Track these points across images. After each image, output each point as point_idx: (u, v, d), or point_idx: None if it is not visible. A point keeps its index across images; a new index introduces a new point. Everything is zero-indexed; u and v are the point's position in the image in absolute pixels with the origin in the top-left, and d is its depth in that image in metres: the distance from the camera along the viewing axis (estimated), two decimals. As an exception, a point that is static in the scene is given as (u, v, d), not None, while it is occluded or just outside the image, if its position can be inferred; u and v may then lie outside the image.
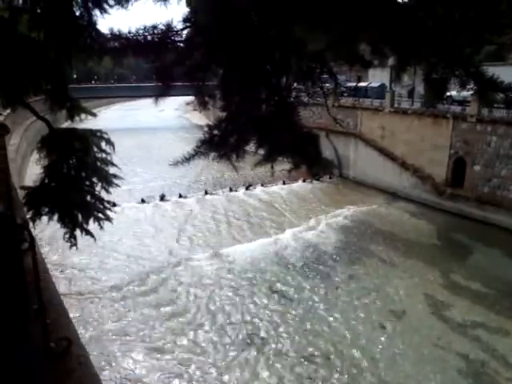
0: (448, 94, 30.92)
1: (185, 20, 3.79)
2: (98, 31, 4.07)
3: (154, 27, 3.76)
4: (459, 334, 14.40)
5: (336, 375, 12.44)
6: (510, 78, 4.27)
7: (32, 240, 2.98)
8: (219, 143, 4.13)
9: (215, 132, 4.18)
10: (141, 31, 3.71)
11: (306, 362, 12.97)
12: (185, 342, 13.95)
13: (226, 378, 12.34)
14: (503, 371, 12.57)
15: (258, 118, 4.00)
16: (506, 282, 17.77)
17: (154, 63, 4.04)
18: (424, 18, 2.89)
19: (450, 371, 12.59)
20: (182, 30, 3.82)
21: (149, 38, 3.72)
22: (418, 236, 23.03)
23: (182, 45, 3.91)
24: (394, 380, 12.24)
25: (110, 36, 3.79)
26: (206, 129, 4.27)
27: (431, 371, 12.57)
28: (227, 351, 13.47)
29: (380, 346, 13.71)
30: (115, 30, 3.76)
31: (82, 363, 3.24)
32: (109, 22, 4.20)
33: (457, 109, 27.27)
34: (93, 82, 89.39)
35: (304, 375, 12.46)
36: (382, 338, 14.13)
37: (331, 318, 15.25)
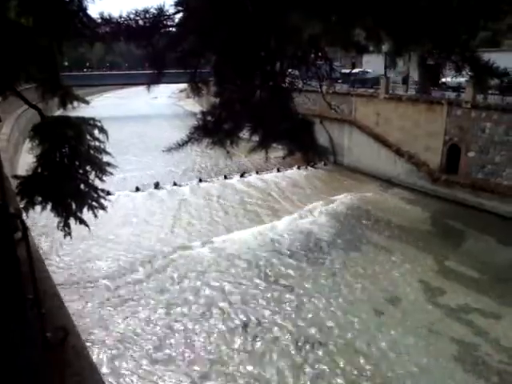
0: (443, 80, 30.96)
1: (177, 4, 3.72)
2: (88, 16, 3.99)
3: (146, 11, 3.68)
4: (453, 318, 14.56)
5: (332, 360, 12.56)
6: (505, 64, 4.25)
7: (25, 229, 2.95)
8: (213, 129, 4.09)
9: (209, 118, 4.13)
10: (132, 15, 3.63)
11: (302, 348, 13.07)
12: (181, 330, 14.01)
13: (222, 364, 12.43)
14: (495, 354, 12.75)
15: (252, 103, 3.96)
16: (498, 268, 17.95)
17: (145, 48, 3.97)
18: (421, 2, 2.86)
19: (443, 355, 12.74)
20: (175, 14, 3.75)
21: (140, 22, 3.64)
22: (412, 222, 23.14)
23: (174, 30, 3.84)
24: (389, 365, 12.38)
25: (100, 21, 3.72)
26: (199, 115, 4.22)
27: (425, 355, 12.73)
28: (223, 338, 13.55)
29: (375, 332, 13.83)
30: (106, 15, 3.68)
31: (79, 354, 3.23)
32: (99, 6, 4.12)
33: (451, 95, 27.24)
34: (85, 69, 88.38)
35: (300, 361, 12.58)
36: (377, 324, 14.26)
37: (327, 304, 15.36)
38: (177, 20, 3.77)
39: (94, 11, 3.97)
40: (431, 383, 11.76)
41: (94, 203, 5.59)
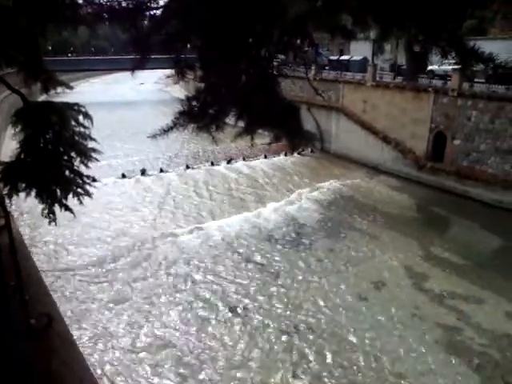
0: (430, 68, 31.08)
1: (161, -15, 3.65)
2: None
3: None
4: (437, 304, 14.81)
5: (318, 345, 12.72)
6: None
7: (8, 216, 2.91)
8: (198, 114, 4.05)
9: (194, 103, 4.09)
10: (115, -4, 3.55)
11: (288, 334, 13.21)
12: (167, 317, 14.04)
13: (208, 351, 12.51)
14: (477, 337, 13.03)
15: (238, 88, 3.92)
16: (482, 254, 18.28)
17: (129, 31, 3.88)
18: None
19: (426, 339, 12.98)
20: (159, -5, 3.68)
21: (123, 3, 3.56)
22: (398, 209, 23.37)
23: (158, 12, 3.76)
24: (374, 349, 12.58)
25: (82, 1, 3.62)
26: (184, 100, 4.17)
27: (409, 340, 12.95)
28: (210, 325, 13.62)
29: (360, 317, 14.02)
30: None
31: (64, 340, 3.21)
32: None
33: (438, 83, 27.36)
34: (69, 54, 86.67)
35: (287, 346, 12.71)
36: (363, 309, 14.45)
37: (312, 290, 15.50)
38: (161, 2, 3.70)
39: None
40: (414, 365, 11.98)
41: (79, 190, 5.53)
